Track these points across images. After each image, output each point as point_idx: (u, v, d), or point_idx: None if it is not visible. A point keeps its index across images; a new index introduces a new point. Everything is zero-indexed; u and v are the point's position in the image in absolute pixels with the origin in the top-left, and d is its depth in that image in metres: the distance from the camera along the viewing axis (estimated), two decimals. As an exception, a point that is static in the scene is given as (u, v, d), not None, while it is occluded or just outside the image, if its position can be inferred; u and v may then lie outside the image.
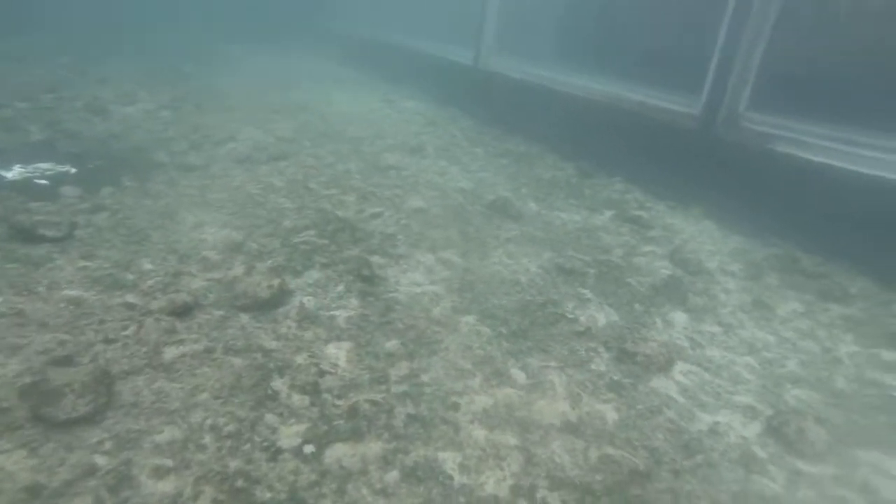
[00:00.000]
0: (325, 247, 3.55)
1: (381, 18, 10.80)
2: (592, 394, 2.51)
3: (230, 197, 4.22)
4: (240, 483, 1.85)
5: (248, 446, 2.01)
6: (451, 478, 1.98)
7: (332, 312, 2.92)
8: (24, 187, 4.20)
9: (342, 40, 12.36)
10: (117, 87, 7.37)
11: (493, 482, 1.98)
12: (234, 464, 1.93)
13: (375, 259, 3.48)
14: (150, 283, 2.96)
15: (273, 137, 5.81)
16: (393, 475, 1.96)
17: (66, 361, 2.31)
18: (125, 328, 2.58)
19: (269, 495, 1.82)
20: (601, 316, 3.18)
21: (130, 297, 2.81)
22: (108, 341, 2.48)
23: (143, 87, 7.50)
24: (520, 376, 2.57)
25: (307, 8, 14.49)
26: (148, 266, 3.15)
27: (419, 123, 7.09)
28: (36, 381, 2.08)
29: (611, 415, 2.39)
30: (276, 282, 2.93)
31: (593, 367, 2.71)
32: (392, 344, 2.71)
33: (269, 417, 2.16)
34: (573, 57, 7.16)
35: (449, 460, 2.05)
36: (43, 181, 4.45)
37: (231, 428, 2.08)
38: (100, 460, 1.87)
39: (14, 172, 4.54)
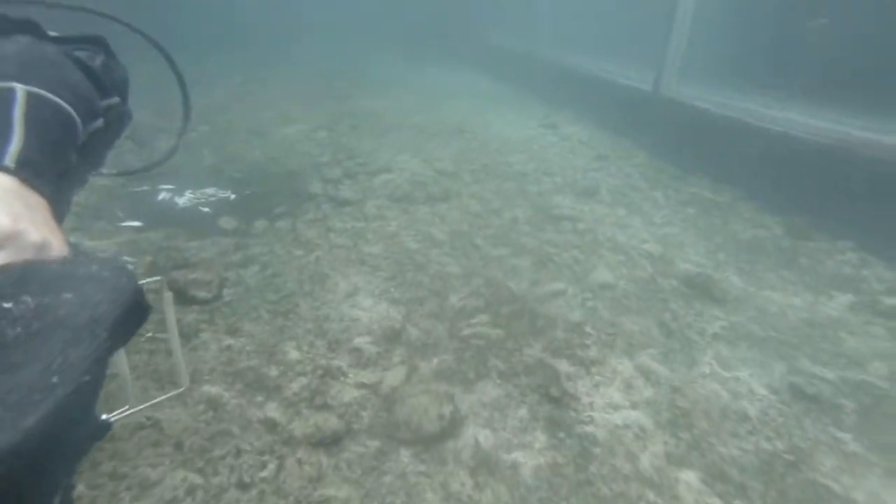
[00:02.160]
0: (500, 342, 2.78)
1: (543, 33, 9.85)
2: None
3: (386, 251, 3.59)
4: None
5: None
6: None
7: (514, 455, 2.15)
8: (190, 218, 4.01)
9: (498, 55, 11.60)
10: (278, 107, 7.15)
11: None
12: None
13: (562, 366, 2.65)
14: (294, 387, 2.35)
15: (431, 169, 5.17)
16: None
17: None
18: (263, 465, 1.97)
19: None
20: (891, 497, 2.13)
21: (272, 410, 2.22)
22: (242, 486, 1.89)
23: (302, 106, 7.24)
24: None
25: (462, 21, 13.87)
26: (294, 354, 2.56)
27: (587, 156, 6.14)
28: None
29: None
30: (446, 409, 2.21)
31: None
32: (606, 537, 1.87)
33: None
34: (782, 84, 5.82)
35: None
36: (206, 209, 4.27)
37: None
38: None
39: (185, 199, 4.48)
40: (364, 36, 13.49)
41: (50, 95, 0.96)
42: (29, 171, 0.81)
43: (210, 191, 4.65)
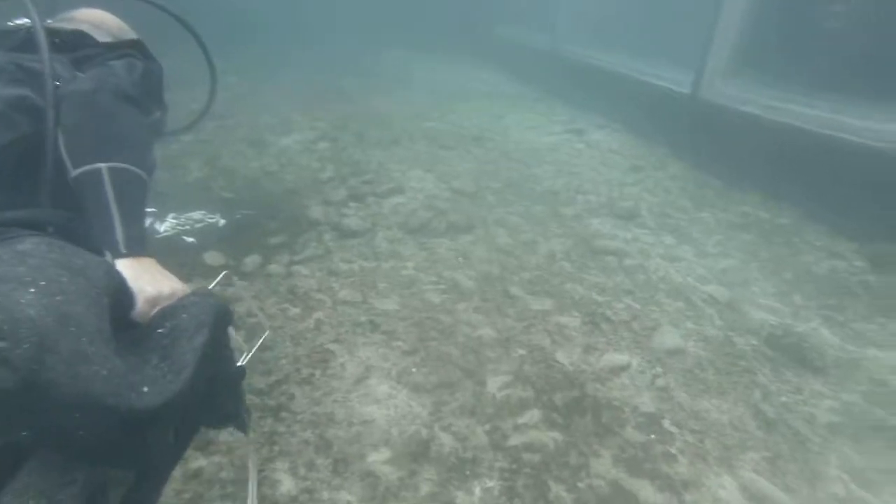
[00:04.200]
0: (560, 453, 2.06)
1: (564, 29, 8.97)
2: None
3: (403, 308, 2.85)
4: None
5: None
6: None
7: None
8: (171, 251, 3.29)
9: (511, 50, 10.72)
10: (276, 111, 6.32)
11: None
12: None
13: (646, 493, 1.93)
14: (286, 553, 1.64)
15: (449, 189, 4.41)
16: None
17: None
18: None
19: None
20: None
21: None
22: None
23: (302, 111, 6.41)
24: None
25: (470, 13, 12.90)
26: (286, 484, 1.84)
27: (621, 168, 5.37)
28: None
29: None
30: None
31: None
32: None
33: None
34: (860, 83, 4.99)
35: None
36: (190, 239, 3.58)
37: None
38: None
39: (167, 225, 3.77)
40: (366, 31, 12.58)
41: (125, 166, 1.26)
42: (135, 245, 1.22)
43: (196, 215, 3.91)
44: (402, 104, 7.18)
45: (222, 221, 3.87)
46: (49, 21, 1.62)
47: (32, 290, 0.85)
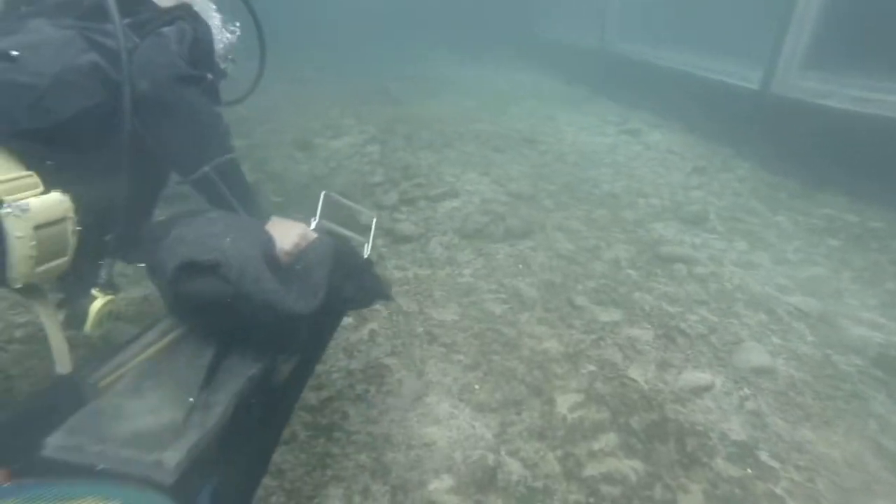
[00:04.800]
0: (642, 485, 1.81)
1: (612, 25, 8.63)
2: None
3: (462, 318, 2.66)
4: None
5: None
6: None
7: None
8: None
9: (556, 50, 10.44)
10: (325, 114, 6.25)
11: None
12: None
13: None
14: None
15: (504, 193, 4.20)
16: None
17: None
18: None
19: None
20: None
21: None
22: None
23: (350, 113, 6.32)
24: None
25: (513, 14, 12.63)
26: (341, 513, 1.67)
27: (682, 169, 5.04)
28: None
29: None
30: None
31: None
32: None
33: None
34: None
35: None
36: None
37: None
38: None
39: None
40: (406, 34, 12.48)
41: (222, 158, 1.59)
42: (256, 213, 1.64)
43: (247, 220, 3.82)
44: (449, 106, 7.01)
45: (273, 226, 3.77)
46: None
47: (228, 238, 1.34)
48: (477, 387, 2.21)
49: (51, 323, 1.39)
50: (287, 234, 1.58)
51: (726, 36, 6.69)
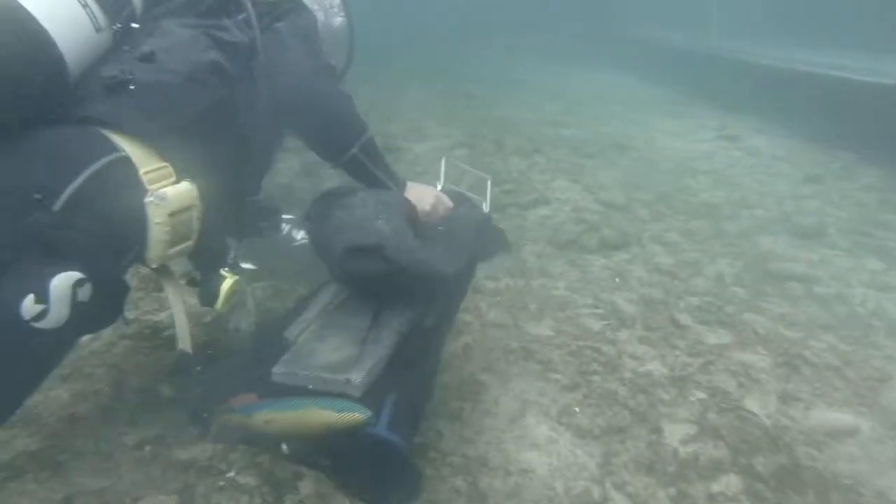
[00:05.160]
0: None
1: (710, 22, 8.12)
2: None
3: (558, 333, 2.51)
4: None
5: None
6: None
7: None
8: (306, 263, 3.08)
9: (643, 49, 9.99)
10: (406, 118, 6.22)
11: None
12: None
13: None
14: None
15: (596, 201, 4.00)
16: None
17: None
18: None
19: None
20: None
21: None
22: None
23: (433, 117, 6.25)
24: None
25: (595, 12, 12.20)
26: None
27: (792, 178, 4.63)
28: None
29: None
30: None
31: None
32: None
33: None
34: None
35: None
36: None
37: None
38: None
39: (303, 233, 3.68)
40: (488, 35, 12.32)
41: (364, 138, 1.92)
42: (398, 183, 1.93)
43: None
44: (534, 110, 6.84)
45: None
46: None
47: (381, 219, 1.57)
48: (577, 409, 2.06)
49: (178, 305, 1.56)
50: (424, 197, 1.88)
51: (839, 27, 6.12)
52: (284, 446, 1.55)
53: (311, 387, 1.56)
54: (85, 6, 1.35)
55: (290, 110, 1.74)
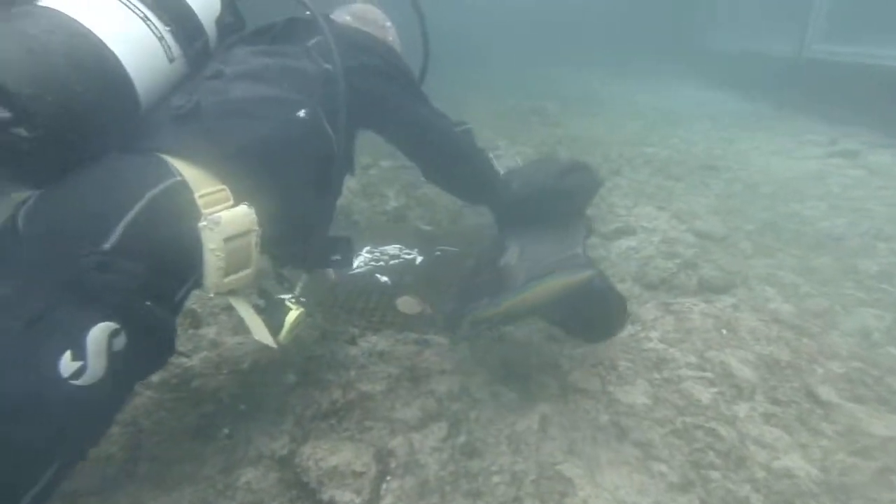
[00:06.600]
0: None
1: (814, 25, 7.26)
2: None
3: (655, 404, 1.99)
4: None
5: None
6: None
7: None
8: (360, 292, 2.85)
9: (730, 60, 9.15)
10: (478, 133, 5.84)
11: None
12: None
13: None
14: None
15: (689, 231, 3.43)
16: None
17: None
18: None
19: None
20: None
21: None
22: None
23: (505, 134, 5.80)
24: None
25: (675, 22, 11.39)
26: None
27: (933, 203, 3.85)
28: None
29: None
30: None
31: None
32: None
33: None
34: None
35: None
36: (384, 278, 3.11)
37: None
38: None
39: (361, 260, 3.40)
40: (561, 49, 11.76)
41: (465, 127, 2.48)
42: None
43: (392, 249, 3.50)
44: (612, 127, 6.27)
45: (419, 258, 3.40)
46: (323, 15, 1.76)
47: (565, 238, 2.07)
48: (683, 515, 1.55)
49: (248, 315, 1.48)
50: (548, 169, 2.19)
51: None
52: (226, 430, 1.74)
53: (555, 271, 1.80)
54: (161, 39, 1.35)
55: (434, 169, 2.18)
